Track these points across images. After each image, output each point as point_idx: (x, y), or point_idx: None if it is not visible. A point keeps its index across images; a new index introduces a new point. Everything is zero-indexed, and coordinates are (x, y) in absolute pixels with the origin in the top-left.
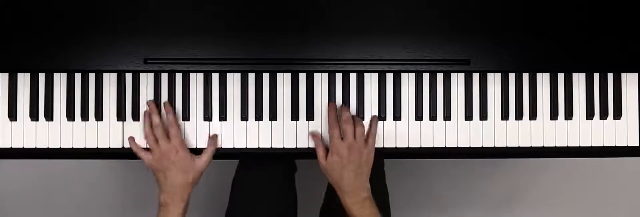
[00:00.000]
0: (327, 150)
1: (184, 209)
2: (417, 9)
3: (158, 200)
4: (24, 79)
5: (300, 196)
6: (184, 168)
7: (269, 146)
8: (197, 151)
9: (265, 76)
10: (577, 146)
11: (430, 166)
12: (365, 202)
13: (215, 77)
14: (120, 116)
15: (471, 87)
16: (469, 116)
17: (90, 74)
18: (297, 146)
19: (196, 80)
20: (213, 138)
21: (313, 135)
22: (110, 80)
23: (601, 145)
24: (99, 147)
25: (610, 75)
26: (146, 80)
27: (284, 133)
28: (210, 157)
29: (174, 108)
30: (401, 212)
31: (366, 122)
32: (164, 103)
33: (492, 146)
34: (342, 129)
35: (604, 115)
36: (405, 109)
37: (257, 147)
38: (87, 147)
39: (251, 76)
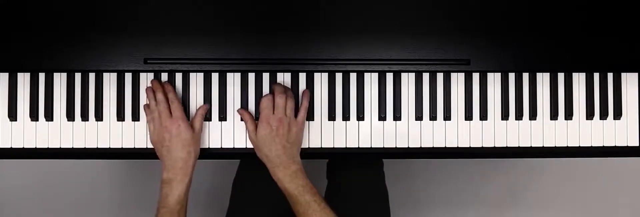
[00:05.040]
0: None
1: (187, 186)
2: (417, 9)
3: (161, 177)
4: (24, 79)
5: None
6: (185, 141)
7: None
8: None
9: (265, 76)
10: (577, 146)
11: (430, 166)
12: (296, 173)
13: (215, 77)
14: (120, 116)
15: (471, 87)
16: (469, 116)
17: (90, 74)
18: None
19: (196, 80)
20: (204, 106)
21: (241, 111)
22: (110, 80)
23: (601, 145)
24: (99, 147)
25: (610, 75)
26: (146, 80)
27: None
28: (201, 122)
29: None
30: (401, 212)
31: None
32: (165, 82)
33: (492, 146)
34: (275, 102)
35: (604, 115)
36: (405, 109)
37: None
38: (87, 147)
39: (251, 76)
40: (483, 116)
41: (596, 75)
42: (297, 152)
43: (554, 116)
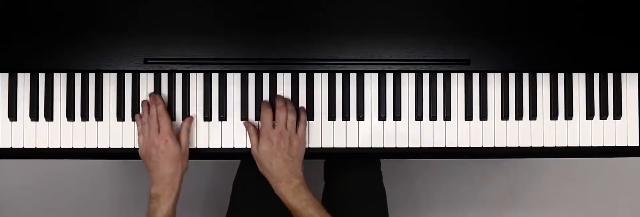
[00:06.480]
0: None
1: (175, 200)
2: (417, 9)
3: (149, 192)
4: (24, 79)
5: None
6: (172, 157)
7: None
8: (197, 151)
9: (265, 76)
10: (577, 146)
11: (430, 166)
12: (299, 187)
13: (215, 77)
14: (120, 116)
15: (471, 87)
16: (469, 116)
17: (90, 74)
18: None
19: (196, 80)
20: (188, 119)
21: (247, 124)
22: (110, 80)
23: (601, 145)
24: (99, 147)
25: (610, 75)
26: (146, 80)
27: None
28: (187, 136)
29: (174, 108)
30: (401, 212)
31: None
32: (154, 94)
33: (492, 146)
34: (275, 115)
35: (604, 115)
36: (405, 109)
37: None
38: (87, 147)
39: (251, 76)
40: (483, 116)
41: (596, 75)
42: (299, 166)
43: (554, 116)
